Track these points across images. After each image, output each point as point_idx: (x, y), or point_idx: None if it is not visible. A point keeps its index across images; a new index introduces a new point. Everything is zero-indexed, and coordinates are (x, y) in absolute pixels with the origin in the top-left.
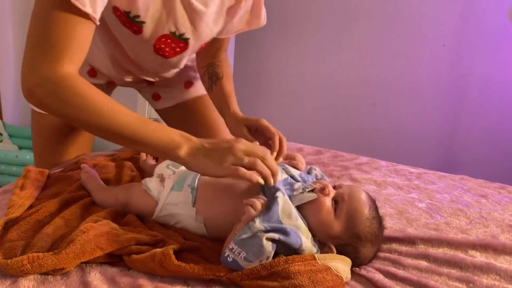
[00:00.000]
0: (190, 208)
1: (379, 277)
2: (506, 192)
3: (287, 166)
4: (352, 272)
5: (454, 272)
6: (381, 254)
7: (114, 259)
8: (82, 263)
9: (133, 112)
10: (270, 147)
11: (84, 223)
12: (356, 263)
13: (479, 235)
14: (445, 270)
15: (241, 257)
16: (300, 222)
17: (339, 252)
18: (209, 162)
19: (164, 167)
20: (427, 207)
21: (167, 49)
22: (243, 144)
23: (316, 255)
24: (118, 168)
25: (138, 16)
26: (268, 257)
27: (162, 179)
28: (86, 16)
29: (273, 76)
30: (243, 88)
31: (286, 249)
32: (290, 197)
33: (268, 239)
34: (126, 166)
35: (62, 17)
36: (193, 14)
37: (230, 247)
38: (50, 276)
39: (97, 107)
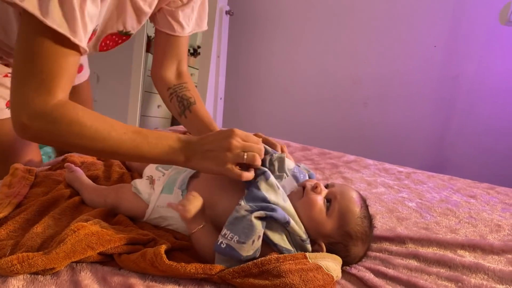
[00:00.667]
0: None
1: (369, 276)
2: (495, 193)
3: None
4: (343, 271)
5: (443, 271)
6: (372, 253)
7: (105, 258)
8: (72, 262)
9: (130, 127)
10: None
11: (75, 222)
12: (347, 262)
13: (468, 235)
14: (435, 269)
15: (234, 240)
16: (289, 205)
17: (329, 251)
18: (209, 163)
19: (153, 169)
20: (417, 206)
21: (110, 44)
22: (240, 140)
23: (307, 254)
24: (106, 166)
25: None
26: (259, 236)
27: (151, 181)
28: (77, 48)
29: (265, 74)
30: (235, 86)
31: (276, 226)
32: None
33: (256, 217)
34: (114, 163)
35: (54, 51)
36: (140, 15)
37: (222, 234)
38: (40, 276)
39: (94, 131)
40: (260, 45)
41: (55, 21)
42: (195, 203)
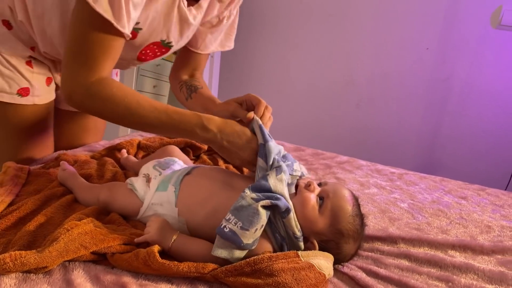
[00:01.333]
0: (172, 208)
1: (361, 275)
2: (485, 194)
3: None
4: (335, 269)
5: (434, 271)
6: (364, 253)
7: (98, 257)
8: (65, 261)
9: (158, 105)
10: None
11: (68, 221)
12: (338, 259)
13: (459, 235)
14: (425, 269)
15: (238, 226)
16: (291, 203)
17: (321, 248)
18: (223, 155)
19: (150, 167)
20: (409, 207)
21: (150, 54)
22: (254, 153)
23: (299, 253)
24: (99, 165)
25: (137, 23)
26: (262, 226)
27: (148, 179)
28: (121, 33)
29: (259, 75)
30: (229, 87)
31: (274, 214)
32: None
33: (262, 206)
34: (108, 162)
35: (99, 35)
36: (183, 25)
37: (226, 218)
38: (32, 274)
39: (124, 109)
40: (254, 46)
41: (102, 7)
42: (157, 224)
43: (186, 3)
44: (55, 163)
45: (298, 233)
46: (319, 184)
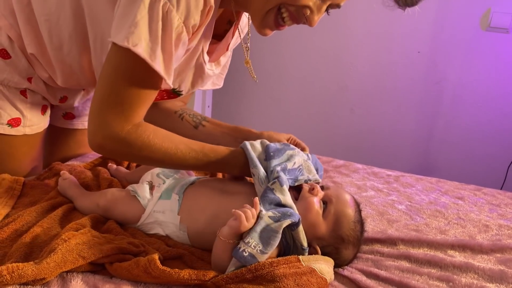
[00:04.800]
0: (175, 216)
1: (361, 278)
2: (482, 194)
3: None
4: (335, 273)
5: (434, 271)
6: (363, 255)
7: (96, 267)
8: (63, 272)
9: (194, 145)
10: None
11: (65, 231)
12: (336, 264)
13: (458, 235)
14: (426, 270)
15: (257, 250)
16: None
17: (321, 253)
18: None
19: (154, 175)
20: (407, 208)
21: (157, 97)
22: None
23: (300, 257)
24: (94, 175)
25: None
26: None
27: (151, 186)
28: (160, 86)
29: (253, 82)
30: (223, 94)
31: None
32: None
33: (281, 227)
34: (101, 171)
35: (147, 89)
36: (198, 79)
37: (246, 241)
38: (30, 286)
39: (162, 155)
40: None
41: (160, 66)
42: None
43: (207, 58)
44: (50, 174)
45: (305, 245)
46: (322, 187)
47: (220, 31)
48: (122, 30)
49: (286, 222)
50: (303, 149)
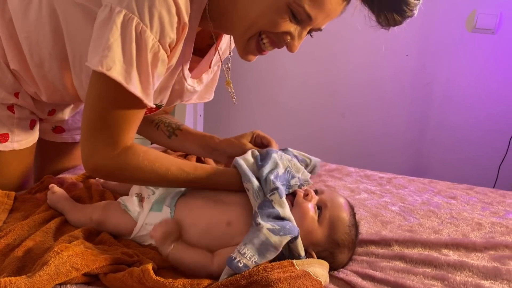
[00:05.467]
0: None
1: (357, 279)
2: (474, 193)
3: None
4: (331, 275)
5: (429, 271)
6: (358, 258)
7: (90, 279)
8: (56, 284)
9: (185, 165)
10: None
11: (57, 243)
12: (331, 268)
13: (451, 234)
14: (421, 269)
15: (252, 261)
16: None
17: (317, 258)
18: None
19: (143, 186)
20: (400, 210)
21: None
22: None
23: (294, 261)
24: (86, 188)
25: None
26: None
27: (141, 198)
28: (147, 106)
29: (244, 90)
30: (215, 103)
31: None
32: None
33: (282, 243)
34: (93, 183)
35: (129, 111)
36: (177, 96)
37: (242, 252)
38: None
39: (154, 175)
40: (238, 60)
41: (136, 88)
42: (164, 228)
43: (188, 74)
44: (41, 188)
45: (303, 254)
46: (315, 192)
47: (203, 45)
48: (96, 54)
49: (286, 239)
50: (268, 143)
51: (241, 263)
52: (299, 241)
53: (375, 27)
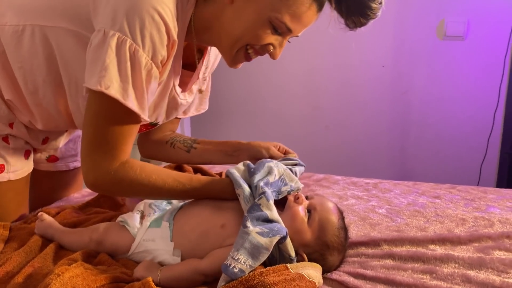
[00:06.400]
0: (168, 243)
1: (349, 279)
2: (456, 191)
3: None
4: (324, 278)
5: (417, 266)
6: (350, 259)
7: None
8: None
9: (182, 177)
10: None
11: (57, 266)
12: (323, 270)
13: (437, 231)
14: (410, 265)
15: (246, 265)
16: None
17: (308, 260)
18: None
19: (147, 206)
20: (387, 212)
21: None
22: None
23: (288, 265)
24: (85, 213)
25: None
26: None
27: (142, 216)
28: (141, 121)
29: (232, 100)
30: (199, 118)
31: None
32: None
33: (273, 244)
34: (93, 210)
35: (125, 126)
36: (173, 111)
37: (235, 258)
38: None
39: (151, 188)
40: (226, 69)
41: (133, 103)
42: (143, 264)
43: (179, 89)
44: (36, 218)
45: (293, 255)
46: (306, 198)
47: (191, 60)
48: (94, 75)
49: (276, 239)
50: (287, 153)
51: (236, 269)
52: (288, 241)
53: (344, 29)
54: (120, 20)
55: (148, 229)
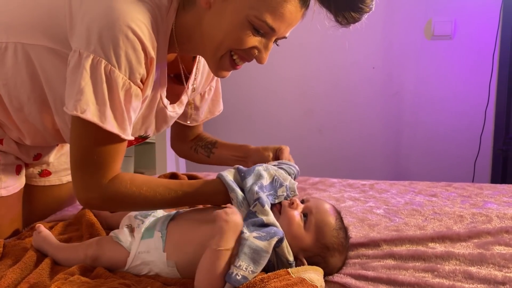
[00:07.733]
0: (160, 254)
1: (351, 281)
2: (452, 189)
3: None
4: (326, 281)
5: (418, 264)
6: (350, 261)
7: None
8: None
9: (173, 185)
10: None
11: (54, 281)
12: (326, 273)
13: (436, 229)
14: (411, 264)
15: (248, 271)
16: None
17: (309, 264)
18: None
19: (132, 218)
20: (385, 212)
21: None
22: None
23: (289, 270)
24: (79, 228)
25: None
26: None
27: (131, 229)
28: (125, 140)
29: (224, 105)
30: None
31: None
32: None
33: (271, 246)
34: (83, 223)
35: (109, 147)
36: (162, 123)
37: (237, 265)
38: None
39: (143, 200)
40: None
41: (112, 125)
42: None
43: (166, 101)
44: (31, 233)
45: (291, 259)
46: (302, 201)
47: (179, 70)
48: (71, 99)
49: (274, 240)
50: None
51: (239, 276)
52: (286, 244)
53: (335, 27)
54: (94, 41)
55: (142, 241)
